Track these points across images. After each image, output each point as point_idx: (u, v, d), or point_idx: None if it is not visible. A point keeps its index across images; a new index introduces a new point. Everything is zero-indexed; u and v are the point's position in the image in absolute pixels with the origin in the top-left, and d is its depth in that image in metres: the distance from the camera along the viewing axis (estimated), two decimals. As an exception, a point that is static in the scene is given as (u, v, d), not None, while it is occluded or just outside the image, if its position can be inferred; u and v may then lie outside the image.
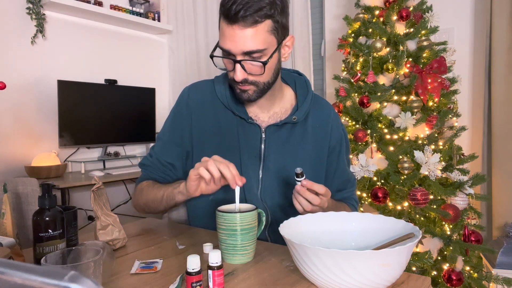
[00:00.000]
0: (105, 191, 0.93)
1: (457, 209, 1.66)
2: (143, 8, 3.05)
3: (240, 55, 0.89)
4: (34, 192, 1.33)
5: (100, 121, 2.60)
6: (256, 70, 0.92)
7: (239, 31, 0.87)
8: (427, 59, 1.83)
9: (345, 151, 1.13)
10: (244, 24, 0.86)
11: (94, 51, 2.75)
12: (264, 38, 0.88)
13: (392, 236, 0.74)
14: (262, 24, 0.87)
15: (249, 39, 0.87)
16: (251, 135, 1.04)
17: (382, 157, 1.82)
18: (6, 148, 2.29)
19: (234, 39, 0.87)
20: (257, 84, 0.95)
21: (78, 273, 0.26)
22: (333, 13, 2.73)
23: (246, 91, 0.96)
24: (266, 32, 0.88)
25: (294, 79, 1.12)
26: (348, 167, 1.15)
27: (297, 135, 1.05)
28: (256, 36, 0.87)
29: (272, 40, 0.91)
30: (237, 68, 0.91)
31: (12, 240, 0.82)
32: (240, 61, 0.90)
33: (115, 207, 2.75)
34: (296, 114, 1.04)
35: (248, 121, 1.03)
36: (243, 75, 0.92)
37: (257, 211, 0.84)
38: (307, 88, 1.10)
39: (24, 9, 2.36)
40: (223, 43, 0.90)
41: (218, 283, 0.65)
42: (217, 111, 1.06)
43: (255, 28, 0.87)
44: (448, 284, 1.62)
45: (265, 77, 0.94)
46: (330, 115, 1.11)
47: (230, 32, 0.88)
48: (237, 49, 0.88)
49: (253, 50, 0.88)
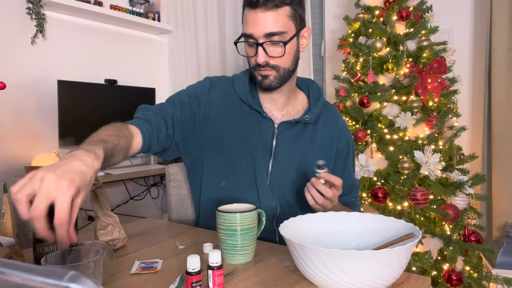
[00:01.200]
0: (105, 191, 0.93)
1: (457, 209, 1.66)
2: (143, 8, 3.05)
3: (262, 37, 0.95)
4: (34, 192, 1.33)
5: (100, 121, 2.57)
6: (278, 52, 0.97)
7: (261, 14, 0.94)
8: (427, 59, 1.83)
9: (352, 157, 1.18)
10: (265, 8, 0.93)
11: (94, 51, 2.75)
12: (284, 22, 0.95)
13: (392, 236, 0.74)
14: (282, 9, 0.94)
15: (270, 21, 0.94)
16: (265, 130, 1.08)
17: (382, 157, 1.82)
18: (6, 148, 2.29)
19: (257, 22, 0.94)
20: (277, 69, 1.00)
21: (78, 273, 0.26)
22: (333, 13, 2.73)
23: (267, 76, 1.00)
24: (286, 17, 0.95)
25: (307, 85, 1.18)
26: (353, 173, 1.19)
27: (308, 135, 1.10)
28: (277, 19, 0.94)
29: (291, 26, 0.97)
30: (259, 51, 0.96)
31: (12, 240, 0.82)
32: (262, 43, 0.96)
33: (115, 207, 2.75)
34: (309, 114, 1.09)
35: (263, 116, 1.07)
36: (265, 58, 0.97)
37: (257, 211, 0.84)
38: (320, 93, 1.16)
39: (24, 9, 2.36)
40: (246, 29, 0.97)
41: (218, 283, 0.65)
42: (234, 104, 1.10)
43: (275, 12, 0.94)
44: (448, 284, 1.62)
45: (285, 61, 1.00)
46: (339, 121, 1.17)
47: (252, 16, 0.95)
48: (259, 31, 0.94)
49: (274, 31, 0.94)
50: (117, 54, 2.89)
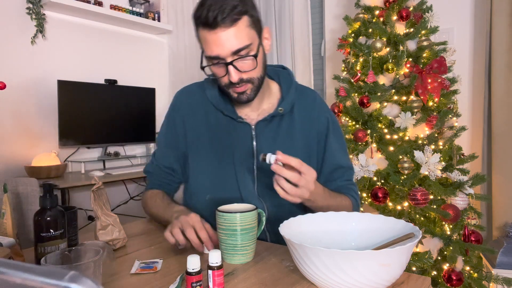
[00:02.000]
0: (105, 191, 0.93)
1: (457, 209, 1.66)
2: (143, 8, 3.05)
3: (230, 56, 0.91)
4: (34, 192, 1.33)
5: (100, 121, 2.60)
6: (249, 66, 0.94)
7: (223, 34, 0.89)
8: (427, 59, 1.83)
9: (333, 136, 1.10)
10: (225, 26, 0.88)
11: (94, 51, 2.75)
12: (247, 33, 0.91)
13: (392, 236, 0.74)
14: (241, 21, 0.89)
15: (233, 38, 0.89)
16: (242, 134, 1.06)
17: (382, 157, 1.82)
18: (6, 148, 2.29)
19: (220, 43, 0.89)
20: (252, 81, 0.97)
21: (78, 273, 0.26)
22: (333, 13, 2.73)
23: (244, 92, 0.98)
24: (247, 28, 0.91)
25: (278, 73, 1.14)
26: (341, 154, 1.11)
27: (286, 127, 1.07)
28: (239, 33, 0.89)
29: (254, 34, 0.93)
30: (230, 70, 0.92)
31: (12, 240, 0.82)
32: (232, 62, 0.91)
33: (115, 207, 2.75)
34: (282, 106, 1.06)
35: (238, 120, 1.06)
36: (238, 75, 0.93)
37: (257, 211, 0.84)
38: (291, 79, 1.12)
39: (24, 9, 2.36)
40: (210, 51, 0.92)
41: (218, 283, 0.65)
42: (208, 113, 1.09)
43: (236, 27, 0.89)
44: (448, 284, 1.62)
45: (258, 71, 0.96)
46: (315, 102, 1.12)
47: (214, 38, 0.90)
48: (225, 51, 0.90)
49: (240, 47, 0.90)
50: (117, 54, 2.89)
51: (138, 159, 2.96)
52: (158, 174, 1.14)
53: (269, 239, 1.05)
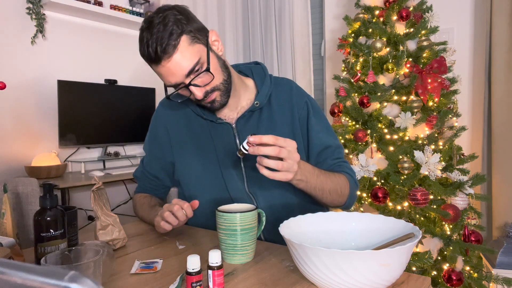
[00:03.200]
0: (105, 191, 0.94)
1: (457, 209, 1.66)
2: (143, 8, 3.05)
3: (185, 79, 0.93)
4: (34, 192, 1.33)
5: (100, 121, 2.60)
6: (207, 79, 0.95)
7: (169, 63, 0.91)
8: (427, 59, 1.83)
9: (314, 119, 1.10)
10: (168, 56, 0.90)
11: (94, 51, 2.75)
12: (191, 52, 0.91)
13: (392, 236, 0.74)
14: (180, 44, 0.90)
15: (181, 63, 0.91)
16: (224, 134, 1.07)
17: (382, 157, 1.82)
18: (6, 148, 2.29)
19: (171, 72, 0.92)
20: (218, 88, 0.99)
21: (78, 273, 0.26)
22: (333, 13, 2.73)
23: (214, 100, 0.99)
24: (189, 46, 0.91)
25: (251, 69, 1.15)
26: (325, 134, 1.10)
27: (265, 119, 1.07)
28: (184, 55, 0.91)
29: (199, 47, 0.93)
30: (192, 90, 0.95)
31: (12, 240, 0.82)
32: (189, 83, 0.94)
33: (115, 207, 2.75)
34: (257, 99, 1.07)
35: (217, 122, 1.07)
36: (201, 91, 0.96)
37: (257, 211, 0.84)
38: (264, 73, 1.13)
39: (24, 9, 2.36)
40: (167, 82, 0.96)
41: (218, 283, 0.65)
42: (189, 119, 1.11)
43: (178, 51, 0.90)
44: (448, 284, 1.62)
45: (218, 78, 0.98)
46: (291, 90, 1.12)
47: (164, 70, 0.93)
48: (179, 77, 0.93)
49: (191, 68, 0.92)
50: (117, 54, 2.89)
51: (138, 159, 2.95)
52: (145, 180, 1.21)
53: (262, 237, 1.05)
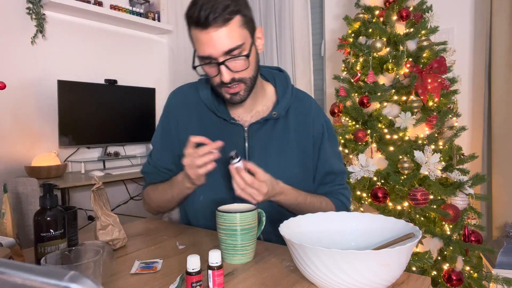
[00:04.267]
0: (105, 191, 0.94)
1: (457, 209, 1.66)
2: (143, 8, 3.05)
3: (222, 56, 0.91)
4: (34, 192, 1.33)
5: (100, 121, 2.60)
6: (241, 66, 0.94)
7: (214, 33, 0.88)
8: (427, 59, 1.83)
9: (328, 142, 1.11)
10: (217, 26, 0.88)
11: (94, 51, 2.75)
12: (239, 33, 0.90)
13: (392, 236, 0.74)
14: (233, 21, 0.89)
15: (225, 38, 0.89)
16: (234, 135, 1.05)
17: (382, 157, 1.82)
18: (6, 148, 2.29)
19: (212, 43, 0.89)
20: (244, 81, 0.97)
21: (78, 273, 0.26)
22: (333, 13, 2.73)
23: (237, 93, 0.97)
24: (239, 27, 0.90)
25: (274, 76, 1.13)
26: (335, 159, 1.12)
27: (280, 130, 1.06)
28: (231, 33, 0.89)
29: (246, 34, 0.93)
30: (222, 70, 0.92)
31: (12, 240, 0.82)
32: (224, 61, 0.91)
33: (115, 207, 2.75)
34: (276, 110, 1.06)
35: (231, 122, 1.05)
36: (230, 75, 0.93)
37: (257, 211, 0.84)
38: (287, 83, 1.11)
39: (24, 9, 2.36)
40: (202, 51, 0.92)
41: (218, 283, 0.65)
42: (201, 113, 1.08)
43: (228, 26, 0.89)
44: (448, 284, 1.62)
45: (250, 71, 0.96)
46: (311, 108, 1.12)
47: (206, 38, 0.89)
48: (217, 51, 0.90)
49: (232, 47, 0.90)
50: (117, 54, 2.89)
51: (138, 159, 2.96)
52: (156, 174, 1.14)
53: (262, 237, 1.05)
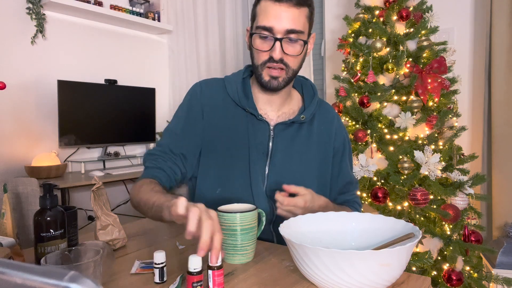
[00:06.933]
0: (105, 191, 0.94)
1: (457, 209, 1.66)
2: (143, 8, 3.05)
3: (282, 33, 0.94)
4: (34, 192, 1.33)
5: (100, 121, 2.60)
6: (294, 51, 0.97)
7: (286, 9, 0.93)
8: (427, 59, 1.83)
9: (348, 154, 1.17)
10: (290, 4, 0.93)
11: (94, 51, 2.75)
12: (304, 22, 0.96)
13: (392, 236, 0.74)
14: (303, 9, 0.95)
15: (292, 18, 0.93)
16: (260, 132, 1.06)
17: (382, 157, 1.82)
18: (6, 148, 2.29)
19: (280, 17, 0.93)
20: (288, 69, 0.99)
21: (78, 273, 0.26)
22: (333, 13, 2.73)
23: (277, 78, 0.99)
24: (305, 17, 0.96)
25: (301, 83, 1.16)
26: (350, 170, 1.18)
27: (304, 135, 1.08)
28: (299, 17, 0.94)
29: (307, 28, 0.98)
30: (277, 46, 0.94)
31: (12, 240, 0.82)
32: (282, 38, 0.94)
33: (115, 207, 2.75)
34: (304, 114, 1.08)
35: (258, 118, 1.05)
36: (281, 54, 0.95)
37: (257, 211, 0.84)
38: (313, 91, 1.15)
39: (24, 9, 2.36)
40: (266, 21, 0.94)
41: (218, 283, 0.65)
42: (227, 107, 1.07)
43: (299, 10, 0.94)
44: (448, 284, 1.62)
45: (297, 62, 1.00)
46: (334, 119, 1.16)
47: (276, 10, 0.93)
48: (281, 26, 0.93)
49: (295, 29, 0.94)
50: (117, 54, 2.89)
51: (138, 159, 2.96)
52: (166, 157, 1.01)
53: (275, 240, 1.05)
